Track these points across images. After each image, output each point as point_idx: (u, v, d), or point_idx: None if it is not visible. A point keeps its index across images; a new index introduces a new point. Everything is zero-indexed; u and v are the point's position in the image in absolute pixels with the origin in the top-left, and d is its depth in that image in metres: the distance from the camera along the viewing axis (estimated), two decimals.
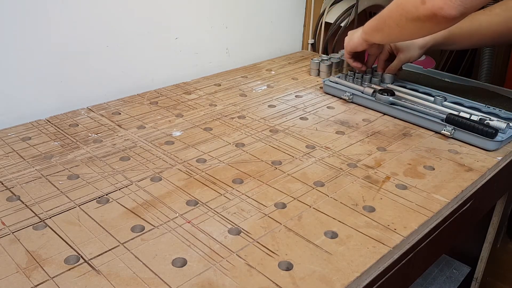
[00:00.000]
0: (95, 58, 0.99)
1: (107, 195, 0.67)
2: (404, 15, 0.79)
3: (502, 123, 0.84)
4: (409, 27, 0.81)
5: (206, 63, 1.22)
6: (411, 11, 0.77)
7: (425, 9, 0.74)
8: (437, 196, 0.69)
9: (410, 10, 0.77)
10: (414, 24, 0.79)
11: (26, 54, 0.88)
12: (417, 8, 0.75)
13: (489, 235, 1.07)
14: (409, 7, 0.78)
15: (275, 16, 1.35)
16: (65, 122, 0.89)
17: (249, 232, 0.60)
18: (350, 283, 0.52)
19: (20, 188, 0.68)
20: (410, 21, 0.79)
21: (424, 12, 0.74)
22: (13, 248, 0.56)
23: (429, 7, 0.73)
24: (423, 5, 0.74)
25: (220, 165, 0.76)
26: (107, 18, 0.98)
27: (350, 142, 0.85)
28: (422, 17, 0.76)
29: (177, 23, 1.12)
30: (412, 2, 0.77)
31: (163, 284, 0.51)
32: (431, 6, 0.73)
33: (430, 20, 0.75)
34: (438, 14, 0.73)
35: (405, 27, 0.82)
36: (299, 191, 0.69)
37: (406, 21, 0.80)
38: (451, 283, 1.14)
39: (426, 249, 0.65)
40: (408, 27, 0.81)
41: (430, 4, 0.73)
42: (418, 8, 0.75)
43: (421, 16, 0.75)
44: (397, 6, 0.81)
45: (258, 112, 0.97)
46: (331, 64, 1.17)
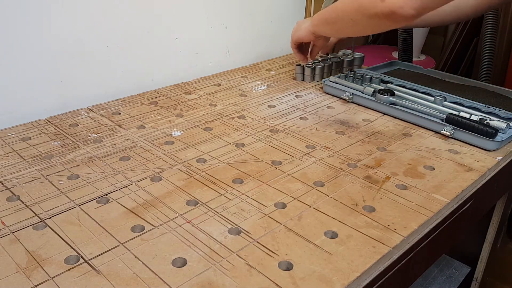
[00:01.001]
0: (95, 58, 0.99)
1: (107, 195, 0.67)
2: (361, 11, 0.77)
3: (502, 123, 0.84)
4: (364, 23, 0.79)
5: (206, 63, 1.22)
6: (368, 7, 0.75)
7: (384, 7, 0.72)
8: (437, 196, 0.69)
9: (367, 6, 0.75)
10: (370, 20, 0.77)
11: (26, 54, 0.88)
12: (376, 5, 0.74)
13: (489, 235, 1.07)
14: (366, 3, 0.75)
15: (275, 16, 1.35)
16: (65, 122, 0.89)
17: (249, 232, 0.60)
18: (350, 283, 0.52)
19: (20, 188, 0.68)
20: (367, 17, 0.77)
21: (382, 10, 0.73)
22: (13, 248, 0.56)
23: (388, 5, 0.71)
24: (382, 2, 0.72)
25: (220, 165, 0.76)
26: (107, 18, 0.98)
27: (350, 142, 0.85)
28: (380, 14, 0.74)
29: (177, 23, 1.12)
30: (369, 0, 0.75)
31: (163, 284, 0.51)
32: (391, 4, 0.71)
33: (388, 18, 0.73)
34: (397, 13, 0.71)
35: (359, 22, 0.80)
36: (299, 191, 0.69)
37: (362, 16, 0.78)
38: (451, 283, 1.14)
39: (426, 249, 0.65)
40: (362, 23, 0.80)
41: (389, 2, 0.71)
42: (377, 5, 0.73)
43: (379, 13, 0.74)
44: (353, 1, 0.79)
45: (258, 112, 0.97)
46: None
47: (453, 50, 1.71)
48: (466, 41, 1.70)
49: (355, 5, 0.78)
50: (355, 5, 0.78)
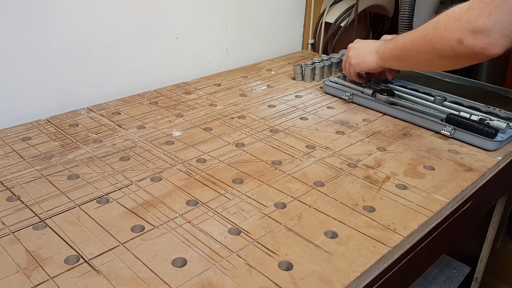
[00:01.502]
0: (95, 58, 0.99)
1: (107, 195, 0.67)
2: (436, 53, 0.74)
3: (502, 123, 0.84)
4: (443, 63, 0.76)
5: (206, 63, 1.22)
6: (445, 50, 0.72)
7: (464, 49, 0.68)
8: (437, 196, 0.69)
9: (444, 50, 0.72)
10: (449, 61, 0.74)
11: (26, 54, 0.88)
12: (453, 48, 0.70)
13: (489, 235, 1.07)
14: (441, 47, 0.72)
15: (275, 16, 1.35)
16: (65, 122, 0.89)
17: (249, 232, 0.60)
18: (350, 283, 0.52)
19: (20, 188, 0.68)
20: (444, 58, 0.73)
21: (463, 52, 0.69)
22: (13, 248, 0.56)
23: (469, 47, 0.68)
24: (460, 45, 0.68)
25: (220, 165, 0.76)
26: (107, 18, 0.98)
27: (350, 142, 0.85)
28: (460, 56, 0.70)
29: (177, 23, 1.12)
30: (446, 43, 0.71)
31: (163, 284, 0.51)
32: (471, 46, 0.67)
33: (470, 58, 0.70)
34: (480, 54, 0.67)
35: (437, 63, 0.77)
36: (299, 191, 0.69)
37: (439, 58, 0.74)
38: (451, 283, 1.14)
39: (426, 249, 0.65)
40: (441, 63, 0.77)
41: (470, 45, 0.67)
42: (455, 48, 0.69)
43: (459, 55, 0.70)
44: (426, 42, 0.75)
45: (258, 112, 0.97)
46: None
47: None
48: None
49: (429, 47, 0.74)
50: (428, 46, 0.75)
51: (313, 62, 1.17)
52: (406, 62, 0.85)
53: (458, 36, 0.68)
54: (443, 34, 0.71)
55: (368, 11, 1.50)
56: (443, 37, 0.71)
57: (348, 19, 1.35)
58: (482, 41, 0.66)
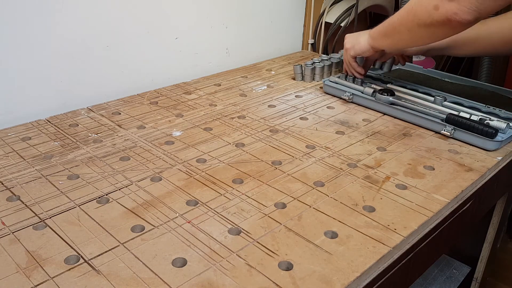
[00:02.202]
0: (95, 58, 0.99)
1: (107, 195, 0.67)
2: (416, 21, 0.78)
3: (502, 123, 0.84)
4: (421, 33, 0.80)
5: (206, 63, 1.22)
6: (423, 17, 0.76)
7: (439, 15, 0.73)
8: (437, 196, 0.69)
9: (422, 16, 0.76)
10: (427, 30, 0.78)
11: (26, 54, 0.88)
12: (430, 14, 0.75)
13: (489, 235, 1.07)
14: (421, 13, 0.77)
15: (275, 16, 1.35)
16: (65, 122, 0.89)
17: (249, 232, 0.60)
18: (350, 283, 0.52)
19: (20, 188, 0.68)
20: (423, 27, 0.78)
21: (437, 18, 0.74)
22: (13, 248, 0.56)
23: (442, 12, 0.73)
24: (436, 11, 0.73)
25: (220, 165, 0.76)
26: (107, 18, 0.98)
27: (350, 142, 0.85)
28: (435, 22, 0.75)
29: (177, 23, 1.12)
30: (424, 8, 0.76)
31: (163, 284, 0.51)
32: (444, 11, 0.72)
33: (444, 25, 0.74)
34: (452, 19, 0.72)
35: (416, 33, 0.81)
36: (299, 191, 0.69)
37: (418, 27, 0.79)
38: (451, 283, 1.14)
39: (426, 249, 0.65)
40: (420, 33, 0.81)
41: (443, 10, 0.72)
42: (431, 14, 0.74)
43: (435, 22, 0.75)
44: (408, 12, 0.80)
45: (258, 112, 0.97)
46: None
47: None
48: None
49: (410, 16, 0.79)
50: (410, 16, 0.80)
51: (313, 62, 1.17)
52: (391, 36, 0.89)
53: (436, 2, 0.73)
54: (423, 1, 0.76)
55: (368, 11, 1.50)
56: (422, 4, 0.76)
57: (348, 19, 1.35)
58: (454, 6, 0.71)
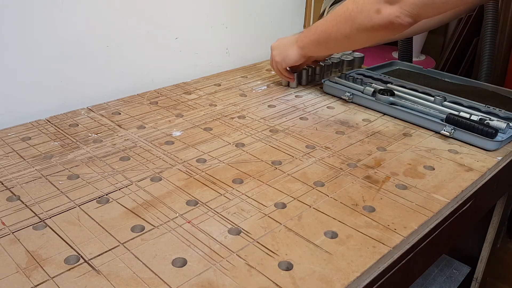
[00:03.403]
0: (95, 58, 0.99)
1: (107, 195, 0.67)
2: (356, 27, 0.79)
3: (502, 123, 0.84)
4: (361, 37, 0.81)
5: (206, 63, 1.22)
6: (363, 22, 0.77)
7: (381, 18, 0.74)
8: (437, 196, 0.69)
9: (362, 21, 0.77)
10: (367, 34, 0.79)
11: (26, 54, 0.88)
12: (371, 18, 0.75)
13: (489, 235, 1.07)
14: (361, 18, 0.77)
15: (275, 16, 1.35)
16: (65, 122, 0.89)
17: (249, 232, 0.60)
18: (350, 283, 0.52)
19: (20, 188, 0.68)
20: (363, 31, 0.78)
21: (379, 22, 0.75)
22: (13, 248, 0.56)
23: (385, 16, 0.73)
24: (378, 14, 0.74)
25: (220, 165, 0.76)
26: (107, 18, 0.98)
27: (350, 142, 0.85)
28: (377, 26, 0.76)
29: (177, 23, 1.12)
30: (364, 13, 0.76)
31: (163, 284, 0.51)
32: (387, 14, 0.73)
33: (386, 28, 0.75)
34: (394, 22, 0.73)
35: (356, 38, 0.81)
36: (299, 191, 0.69)
37: (358, 32, 0.79)
38: (451, 283, 1.14)
39: (426, 249, 0.65)
40: (359, 37, 0.81)
41: (386, 13, 0.73)
42: (372, 18, 0.75)
43: (376, 26, 0.76)
44: (345, 18, 0.80)
45: (258, 112, 0.97)
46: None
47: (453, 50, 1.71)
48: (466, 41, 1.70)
49: (349, 22, 0.79)
50: (348, 22, 0.79)
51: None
52: (325, 44, 0.89)
53: (377, 7, 0.74)
54: (362, 7, 0.77)
55: None
56: (362, 9, 0.77)
57: None
58: (396, 10, 0.73)
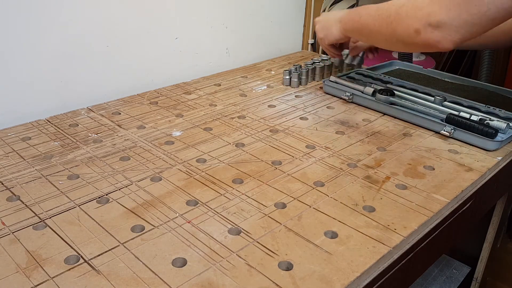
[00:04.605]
0: (95, 58, 0.99)
1: (107, 195, 0.67)
2: (395, 36, 0.77)
3: (502, 123, 0.84)
4: (399, 46, 0.80)
5: (206, 63, 1.22)
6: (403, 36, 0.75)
7: (421, 40, 0.72)
8: (437, 196, 0.69)
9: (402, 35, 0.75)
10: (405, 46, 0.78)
11: (26, 54, 0.88)
12: (411, 37, 0.73)
13: (489, 235, 1.07)
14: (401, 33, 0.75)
15: (275, 16, 1.35)
16: (65, 122, 0.89)
17: (249, 232, 0.60)
18: (350, 283, 0.52)
19: (20, 188, 0.68)
20: (401, 42, 0.77)
21: (419, 42, 0.72)
22: (13, 248, 0.56)
23: (424, 39, 0.71)
24: (417, 35, 0.72)
25: (220, 165, 0.76)
26: (107, 18, 0.98)
27: (350, 142, 0.85)
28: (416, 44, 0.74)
29: (177, 23, 1.12)
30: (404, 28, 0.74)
31: (163, 284, 0.51)
32: (427, 38, 0.71)
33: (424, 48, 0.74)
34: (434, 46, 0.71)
35: (394, 45, 0.81)
36: (299, 191, 0.69)
37: (397, 41, 0.78)
38: (451, 283, 1.14)
39: (426, 249, 0.65)
40: (397, 46, 0.81)
41: (426, 37, 0.71)
42: (411, 37, 0.73)
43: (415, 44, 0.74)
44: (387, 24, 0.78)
45: (258, 112, 0.97)
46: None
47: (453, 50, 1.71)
48: None
49: (390, 30, 0.77)
50: (389, 30, 0.77)
51: (313, 62, 1.17)
52: (367, 37, 0.88)
53: (417, 26, 0.71)
54: (404, 20, 0.73)
55: None
56: (403, 23, 0.74)
57: None
58: (437, 35, 0.69)
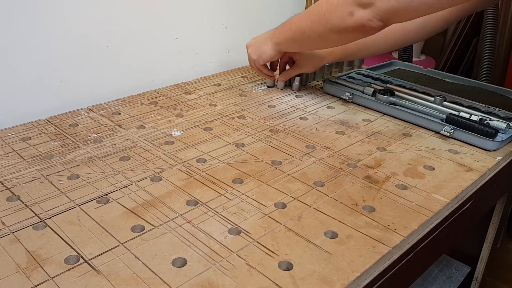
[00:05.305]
0: (95, 58, 0.99)
1: (107, 195, 0.67)
2: (329, 27, 0.79)
3: (502, 123, 0.84)
4: (333, 37, 0.81)
5: (206, 63, 1.22)
6: (337, 23, 0.77)
7: (353, 21, 0.74)
8: (437, 196, 0.69)
9: (336, 23, 0.77)
10: (339, 35, 0.79)
11: (26, 54, 0.88)
12: (344, 20, 0.76)
13: (489, 235, 1.07)
14: (334, 19, 0.77)
15: (275, 16, 1.35)
16: (65, 122, 0.89)
17: (249, 232, 0.60)
18: (350, 283, 0.52)
19: (20, 188, 0.68)
20: (335, 32, 0.79)
21: (352, 24, 0.75)
22: (13, 248, 0.56)
23: (357, 18, 0.74)
24: (350, 16, 0.74)
25: (220, 165, 0.76)
26: (107, 18, 0.98)
27: (350, 142, 0.85)
28: (349, 28, 0.76)
29: (177, 23, 1.12)
30: (338, 14, 0.76)
31: (163, 284, 0.51)
32: (360, 17, 0.73)
33: (358, 31, 0.76)
34: (366, 25, 0.74)
35: (328, 37, 0.82)
36: (299, 191, 0.69)
37: (330, 32, 0.79)
38: (451, 283, 1.14)
39: (426, 249, 0.65)
40: (331, 37, 0.82)
41: (358, 16, 0.73)
42: (345, 20, 0.75)
43: (349, 28, 0.76)
44: (319, 17, 0.80)
45: (258, 112, 0.97)
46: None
47: (453, 50, 1.71)
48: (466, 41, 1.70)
49: (323, 22, 0.80)
50: (322, 22, 0.80)
51: None
52: (300, 42, 0.89)
53: (350, 9, 0.74)
54: (336, 8, 0.76)
55: None
56: (336, 10, 0.76)
57: None
58: (368, 13, 0.73)
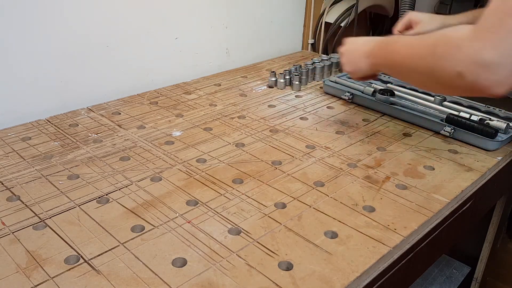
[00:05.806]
0: (95, 58, 0.99)
1: (107, 195, 0.67)
2: (434, 80, 0.64)
3: (502, 123, 0.84)
4: (439, 89, 0.72)
5: (206, 63, 1.22)
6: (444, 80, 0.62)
7: (465, 84, 0.58)
8: (437, 196, 0.69)
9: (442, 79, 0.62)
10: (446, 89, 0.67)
11: (26, 54, 0.88)
12: (453, 81, 0.60)
13: (489, 235, 1.07)
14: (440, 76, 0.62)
15: (275, 16, 1.35)
16: (65, 122, 0.89)
17: (249, 232, 0.60)
18: (350, 283, 0.52)
19: (20, 188, 0.68)
20: (441, 85, 0.64)
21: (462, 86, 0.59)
22: (13, 248, 0.56)
23: (469, 82, 0.57)
24: (461, 79, 0.58)
25: (220, 165, 0.76)
26: (107, 18, 0.98)
27: (350, 142, 0.85)
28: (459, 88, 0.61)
29: (177, 23, 1.12)
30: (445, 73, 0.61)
31: (163, 284, 0.51)
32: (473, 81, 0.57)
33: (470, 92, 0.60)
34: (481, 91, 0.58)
35: (433, 88, 0.73)
36: (299, 191, 0.69)
37: (436, 84, 0.65)
38: (451, 283, 1.14)
39: (426, 249, 0.65)
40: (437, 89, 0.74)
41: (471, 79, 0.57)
42: (455, 81, 0.60)
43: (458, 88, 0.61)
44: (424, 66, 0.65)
45: (258, 112, 0.97)
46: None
47: None
48: None
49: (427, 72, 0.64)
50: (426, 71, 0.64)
51: (313, 62, 1.17)
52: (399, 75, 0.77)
53: (459, 69, 0.58)
54: (442, 63, 0.61)
55: (368, 11, 1.50)
56: (442, 66, 0.61)
57: (348, 19, 1.35)
58: (487, 78, 0.55)
